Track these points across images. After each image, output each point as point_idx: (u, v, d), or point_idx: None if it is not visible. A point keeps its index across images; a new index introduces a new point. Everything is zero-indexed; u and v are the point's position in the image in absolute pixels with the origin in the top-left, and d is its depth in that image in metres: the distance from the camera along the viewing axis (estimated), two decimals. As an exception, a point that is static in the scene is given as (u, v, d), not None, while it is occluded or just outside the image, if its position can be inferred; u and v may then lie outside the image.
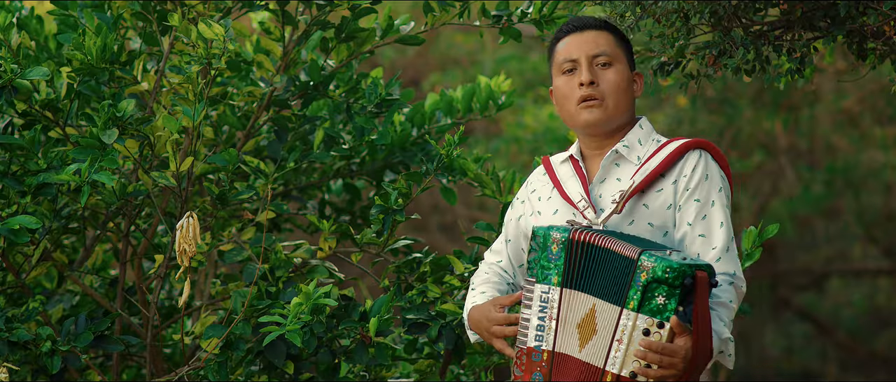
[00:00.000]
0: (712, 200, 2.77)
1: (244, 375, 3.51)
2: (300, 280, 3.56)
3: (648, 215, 2.78)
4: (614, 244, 2.64)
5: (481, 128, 8.58)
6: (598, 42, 2.84)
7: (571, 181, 2.87)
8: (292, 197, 3.97)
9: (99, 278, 3.86)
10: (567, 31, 2.88)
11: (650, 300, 2.58)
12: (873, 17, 3.02)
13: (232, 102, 3.69)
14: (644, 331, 2.59)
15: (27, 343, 3.30)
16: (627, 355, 2.60)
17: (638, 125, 2.88)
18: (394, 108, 3.71)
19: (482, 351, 3.62)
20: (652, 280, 2.58)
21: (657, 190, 2.79)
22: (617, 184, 2.82)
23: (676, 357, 2.58)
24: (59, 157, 3.33)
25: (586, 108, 2.81)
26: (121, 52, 3.43)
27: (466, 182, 3.63)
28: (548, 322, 2.68)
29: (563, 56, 2.85)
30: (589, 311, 2.65)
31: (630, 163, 2.83)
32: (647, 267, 2.58)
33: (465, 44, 9.13)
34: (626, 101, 2.84)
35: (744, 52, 3.13)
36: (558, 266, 2.67)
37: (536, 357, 2.68)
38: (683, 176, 2.78)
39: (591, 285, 2.65)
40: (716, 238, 2.76)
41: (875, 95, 7.64)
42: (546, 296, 2.68)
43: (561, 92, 2.86)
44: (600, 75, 2.82)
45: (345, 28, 3.63)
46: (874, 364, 9.67)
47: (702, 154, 2.80)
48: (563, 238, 2.66)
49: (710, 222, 2.77)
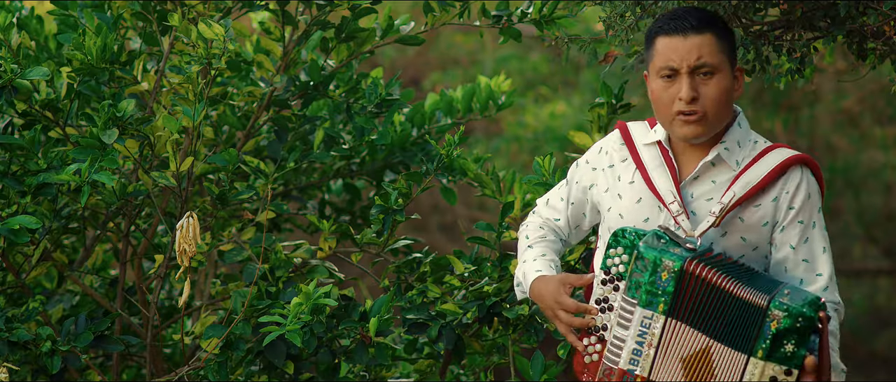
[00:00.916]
0: (814, 222, 2.72)
1: (244, 375, 3.51)
2: (300, 280, 3.56)
3: (743, 229, 2.71)
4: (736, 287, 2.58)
5: (481, 127, 8.58)
6: (701, 51, 2.67)
7: (659, 172, 2.76)
8: (292, 197, 3.97)
9: (99, 278, 3.86)
10: (669, 30, 2.70)
11: (779, 348, 2.56)
12: (873, 17, 3.02)
13: (232, 102, 3.69)
14: (771, 379, 2.57)
15: (27, 343, 3.30)
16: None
17: (736, 124, 2.76)
18: (394, 108, 3.71)
19: (482, 351, 3.62)
20: (783, 330, 2.55)
21: (755, 204, 2.71)
22: (711, 187, 2.72)
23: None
24: (59, 157, 3.33)
25: (685, 123, 2.69)
26: (121, 52, 3.43)
27: (466, 182, 3.63)
28: (646, 349, 2.62)
29: (663, 60, 2.69)
30: (701, 350, 2.60)
31: (727, 167, 2.73)
32: (778, 317, 2.55)
33: (465, 44, 9.13)
34: (727, 111, 2.72)
35: (744, 52, 3.13)
36: (667, 294, 2.60)
37: (628, 379, 2.64)
38: (786, 192, 2.70)
39: (705, 324, 2.60)
40: (820, 264, 2.72)
41: (875, 95, 7.64)
42: (648, 322, 2.62)
43: (658, 97, 2.72)
44: (701, 88, 2.68)
45: (345, 28, 3.63)
46: (874, 364, 9.66)
47: (804, 171, 2.72)
48: (675, 267, 2.59)
49: (813, 246, 2.71)
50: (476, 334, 3.55)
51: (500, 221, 3.48)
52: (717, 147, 2.73)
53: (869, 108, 8.04)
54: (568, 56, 3.60)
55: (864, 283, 9.88)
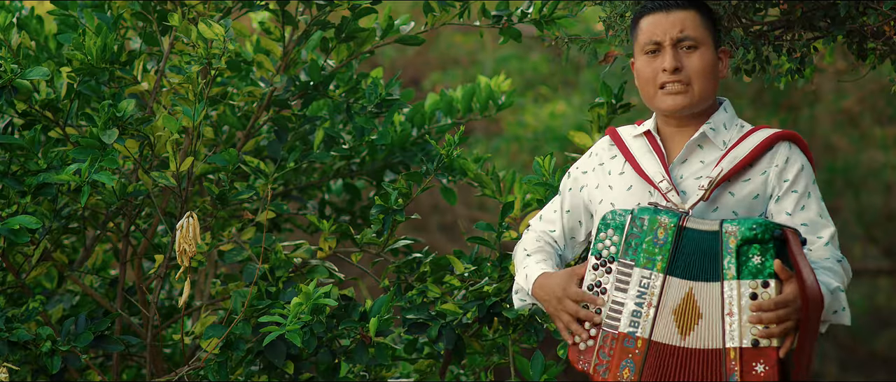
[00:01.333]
0: (809, 191, 2.74)
1: (244, 375, 3.51)
2: (300, 280, 3.56)
3: (734, 203, 2.73)
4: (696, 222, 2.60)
5: (481, 127, 8.58)
6: (684, 24, 2.75)
7: (648, 158, 2.80)
8: (292, 197, 3.97)
9: (99, 278, 3.86)
10: (652, 8, 2.78)
11: (746, 263, 2.54)
12: (873, 17, 3.02)
13: (232, 102, 3.69)
14: (751, 296, 2.53)
15: (27, 343, 3.30)
16: (743, 325, 2.53)
17: (722, 108, 2.82)
18: (394, 108, 3.71)
19: (482, 351, 3.62)
20: (742, 242, 2.54)
21: (744, 179, 2.74)
22: (700, 166, 2.76)
23: (791, 306, 2.51)
24: (59, 157, 3.33)
25: (669, 95, 2.75)
26: (121, 52, 3.43)
27: (466, 182, 3.63)
28: (645, 309, 2.61)
29: (647, 36, 2.77)
30: (685, 297, 2.59)
31: (714, 147, 2.77)
32: (733, 231, 2.55)
33: (465, 44, 9.13)
34: (712, 86, 2.77)
35: (744, 52, 3.13)
36: (664, 252, 2.60)
37: (629, 343, 2.61)
38: (775, 165, 2.74)
39: (685, 270, 2.59)
40: (821, 228, 2.72)
41: (875, 95, 7.64)
42: (647, 282, 2.61)
43: (643, 73, 2.78)
44: (685, 60, 2.75)
45: (345, 28, 3.63)
46: (874, 364, 9.67)
47: (792, 146, 2.77)
48: (671, 223, 2.61)
49: (810, 212, 2.73)
50: (476, 334, 3.55)
51: (500, 221, 3.48)
52: (703, 126, 2.77)
53: (869, 108, 8.04)
54: (568, 56, 3.60)
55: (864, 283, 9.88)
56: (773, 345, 2.52)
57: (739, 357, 2.53)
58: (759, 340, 2.52)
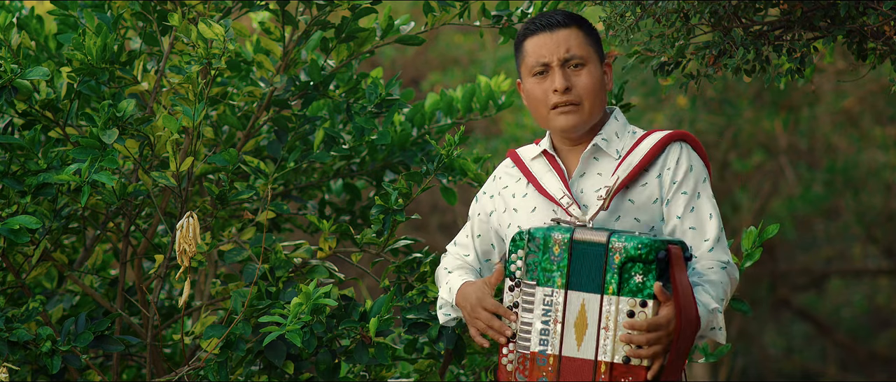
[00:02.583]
0: (698, 192, 2.76)
1: (244, 375, 3.51)
2: (300, 280, 3.56)
3: (635, 210, 2.75)
4: (587, 234, 2.62)
5: (481, 127, 8.58)
6: (569, 43, 2.79)
7: (548, 176, 2.83)
8: (292, 198, 3.97)
9: (99, 278, 3.86)
10: (535, 29, 2.81)
11: (628, 280, 2.57)
12: (873, 17, 3.02)
13: (232, 102, 3.69)
14: (628, 313, 2.57)
15: (27, 343, 3.30)
16: (616, 341, 2.58)
17: (613, 117, 2.85)
18: (394, 108, 3.71)
19: (482, 351, 3.62)
20: (626, 260, 2.56)
21: (642, 184, 2.77)
22: (598, 178, 2.79)
23: (663, 330, 2.55)
24: (59, 157, 3.33)
25: (562, 114, 2.78)
26: (121, 52, 3.43)
27: (466, 182, 3.63)
28: (552, 326, 2.64)
29: (534, 58, 2.80)
30: (581, 308, 2.62)
31: (609, 157, 2.80)
32: (619, 248, 2.57)
33: (465, 44, 9.13)
34: (601, 101, 2.81)
35: (744, 52, 3.13)
36: (562, 268, 2.63)
37: (541, 361, 2.65)
38: (668, 169, 2.76)
39: (579, 282, 2.62)
40: (707, 229, 2.74)
41: (875, 95, 7.64)
42: (549, 299, 2.64)
43: (533, 95, 2.81)
44: (574, 79, 2.78)
45: (345, 28, 3.63)
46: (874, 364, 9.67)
47: (683, 146, 2.79)
48: (564, 239, 2.63)
49: (700, 213, 2.75)
50: (476, 334, 3.55)
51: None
52: (595, 139, 2.80)
53: (869, 108, 8.04)
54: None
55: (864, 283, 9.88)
56: (643, 365, 2.57)
57: (610, 371, 2.58)
58: (631, 358, 2.57)
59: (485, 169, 3.64)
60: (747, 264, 3.30)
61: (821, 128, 8.39)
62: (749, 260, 3.32)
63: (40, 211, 3.42)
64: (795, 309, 9.81)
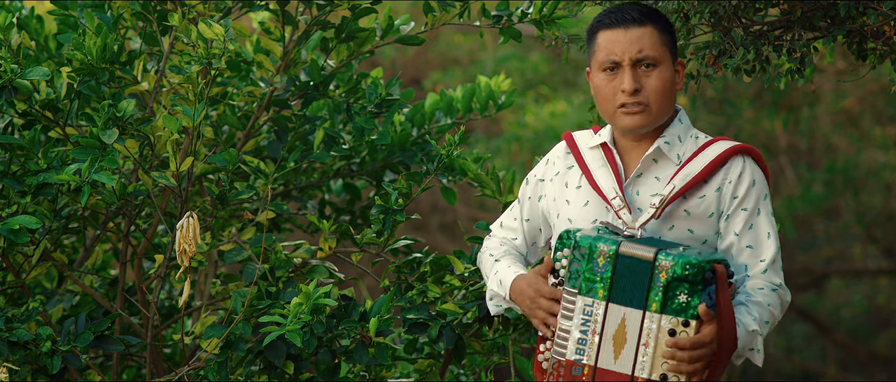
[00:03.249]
0: (758, 209, 2.72)
1: (244, 375, 3.51)
2: (300, 280, 3.56)
3: (689, 221, 2.71)
4: (633, 248, 2.59)
5: (481, 127, 8.58)
6: (642, 43, 2.71)
7: (603, 172, 2.78)
8: (292, 198, 3.97)
9: (99, 278, 3.86)
10: (610, 23, 2.74)
11: (672, 299, 2.55)
12: (873, 17, 3.02)
13: (232, 102, 3.69)
14: (670, 332, 2.55)
15: (27, 343, 3.30)
16: (655, 358, 2.56)
17: (677, 119, 2.79)
18: (394, 108, 3.71)
19: (482, 351, 3.62)
20: (672, 279, 2.54)
21: (699, 196, 2.72)
22: (655, 183, 2.74)
23: (705, 349, 2.53)
24: (59, 157, 3.33)
25: (628, 114, 2.72)
26: (121, 52, 3.43)
27: (466, 182, 3.63)
28: (590, 337, 2.62)
29: (605, 54, 2.73)
30: (621, 322, 2.60)
31: (670, 162, 2.74)
32: (666, 267, 2.55)
33: (465, 44, 9.13)
34: (670, 103, 2.75)
35: (744, 52, 3.13)
36: (605, 279, 2.61)
37: (576, 371, 2.63)
38: (729, 182, 2.71)
39: (621, 296, 2.60)
40: (764, 249, 2.71)
41: (875, 95, 7.64)
42: (590, 309, 2.62)
43: (602, 91, 2.74)
44: (644, 80, 2.71)
45: (345, 28, 3.63)
46: (874, 364, 9.67)
47: (746, 160, 2.74)
48: (610, 251, 2.60)
49: (758, 232, 2.71)
50: (476, 334, 3.55)
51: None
52: (657, 141, 2.75)
53: (869, 108, 8.04)
54: (568, 56, 3.60)
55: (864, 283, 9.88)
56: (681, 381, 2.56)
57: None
58: (668, 375, 2.56)
59: (485, 169, 3.64)
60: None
61: (821, 128, 8.39)
62: (749, 260, 3.32)
63: (40, 211, 3.42)
64: (795, 309, 9.81)
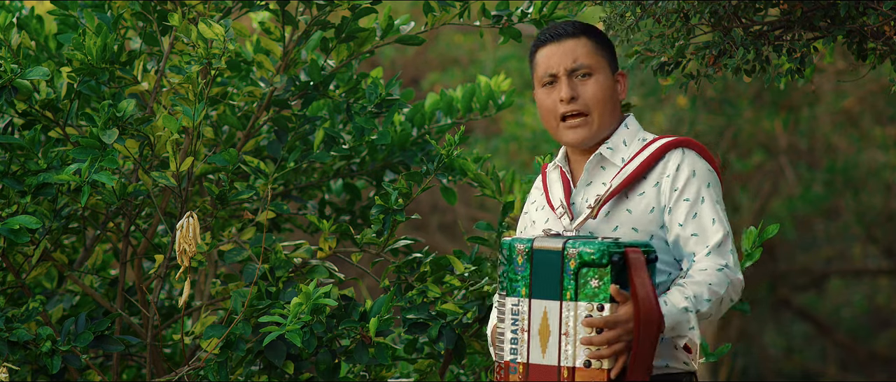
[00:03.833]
0: (702, 197, 2.72)
1: (244, 375, 3.51)
2: (300, 280, 3.56)
3: (631, 220, 2.73)
4: (545, 242, 2.63)
5: (481, 127, 8.58)
6: (575, 53, 2.78)
7: (556, 186, 2.84)
8: (292, 198, 3.97)
9: (99, 278, 3.86)
10: (544, 40, 2.81)
11: (584, 285, 2.58)
12: (873, 17, 3.02)
13: (232, 102, 3.69)
14: (586, 318, 2.57)
15: (27, 343, 3.30)
16: (576, 346, 2.59)
17: (623, 125, 2.82)
18: (394, 108, 3.71)
19: (482, 351, 3.62)
20: (580, 265, 2.57)
21: (639, 193, 2.74)
22: (602, 187, 2.77)
23: (620, 327, 2.54)
24: (59, 157, 3.33)
25: (570, 128, 2.78)
26: (121, 52, 3.43)
27: (466, 182, 3.63)
28: (520, 335, 2.65)
29: (543, 69, 2.80)
30: (543, 316, 2.63)
31: (614, 166, 2.78)
32: (573, 254, 2.58)
33: (465, 44, 9.14)
34: (610, 111, 2.79)
35: (744, 52, 3.12)
36: (525, 277, 2.64)
37: (513, 370, 2.67)
38: (667, 176, 2.73)
39: (541, 290, 2.63)
40: (709, 235, 2.70)
41: (875, 95, 7.64)
42: (517, 309, 2.65)
43: (543, 105, 2.82)
44: (580, 88, 2.77)
45: (345, 28, 3.63)
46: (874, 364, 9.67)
47: (685, 151, 2.75)
48: (526, 249, 2.64)
49: (701, 220, 2.71)
50: (476, 334, 3.55)
51: (500, 221, 3.48)
52: (600, 147, 2.80)
53: (869, 108, 8.04)
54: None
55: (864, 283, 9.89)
56: (604, 367, 2.57)
57: (571, 375, 2.60)
58: (592, 361, 2.58)
59: (485, 169, 3.64)
60: (747, 264, 3.31)
61: (821, 128, 8.40)
62: (749, 260, 3.32)
63: (40, 211, 3.42)
64: (795, 309, 9.81)
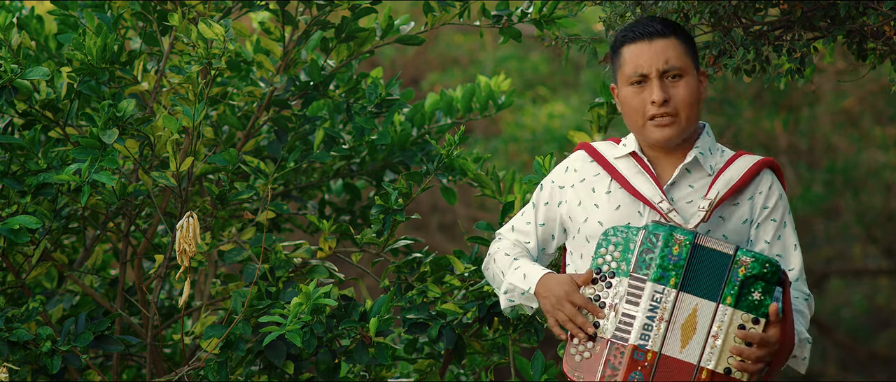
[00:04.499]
0: (785, 221, 2.82)
1: (244, 375, 3.51)
2: (300, 280, 3.56)
3: (724, 227, 2.79)
4: (711, 241, 2.67)
5: (481, 127, 8.58)
6: (667, 55, 2.77)
7: (639, 179, 2.82)
8: (292, 198, 3.97)
9: (99, 278, 3.86)
10: (634, 37, 2.79)
11: (747, 296, 2.62)
12: (873, 17, 3.02)
13: (232, 102, 3.69)
14: (739, 327, 2.62)
15: (27, 343, 3.30)
16: (723, 351, 2.63)
17: (705, 132, 2.86)
18: (394, 108, 3.71)
19: (482, 351, 3.62)
20: (750, 276, 2.62)
21: (734, 203, 2.80)
22: (690, 191, 2.80)
23: (769, 348, 2.62)
24: (59, 157, 3.33)
25: (658, 127, 2.78)
26: (121, 52, 3.43)
27: (466, 182, 3.63)
28: (657, 323, 2.65)
29: (632, 67, 2.78)
30: (692, 312, 2.66)
31: (703, 172, 2.82)
32: (746, 263, 2.63)
33: (465, 44, 9.13)
34: (697, 112, 2.82)
35: (744, 52, 3.13)
36: (678, 267, 2.66)
37: (639, 355, 2.66)
38: (760, 193, 2.81)
39: (694, 286, 2.66)
40: (793, 260, 2.81)
41: (875, 95, 7.64)
42: (659, 296, 2.66)
43: (630, 104, 2.80)
44: (672, 91, 2.77)
45: (345, 28, 3.63)
46: (874, 364, 9.66)
47: (773, 175, 2.84)
48: (686, 240, 2.66)
49: (786, 243, 2.81)
50: (476, 334, 3.55)
51: (500, 221, 3.48)
52: (693, 151, 2.81)
53: (869, 108, 8.04)
54: (568, 56, 3.60)
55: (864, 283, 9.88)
56: (743, 379, 2.63)
57: (710, 378, 2.63)
58: (733, 370, 2.63)
59: (485, 169, 3.64)
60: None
61: (821, 128, 8.39)
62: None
63: (40, 211, 3.42)
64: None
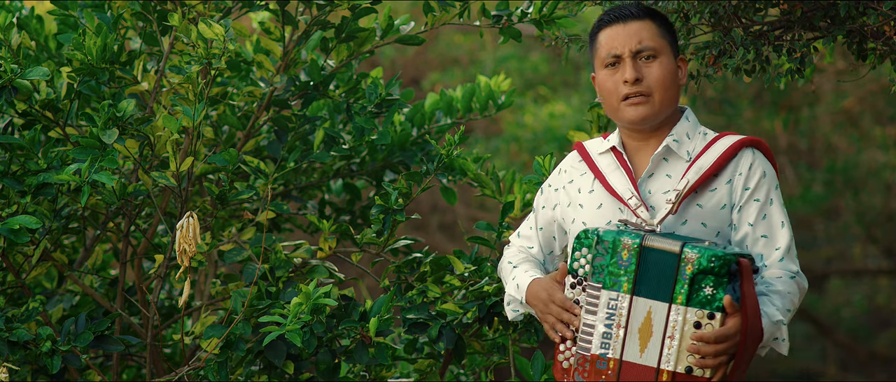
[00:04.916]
0: (771, 198, 2.76)
1: (244, 375, 3.51)
2: (300, 280, 3.56)
3: (702, 215, 2.75)
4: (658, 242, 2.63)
5: (481, 127, 8.58)
6: (640, 35, 2.77)
7: (616, 174, 2.82)
8: (292, 198, 3.97)
9: (99, 278, 3.86)
10: (609, 21, 2.80)
11: (698, 292, 2.58)
12: (873, 17, 3.02)
13: (232, 102, 3.69)
14: (695, 324, 2.58)
15: (27, 343, 3.30)
16: (680, 351, 2.59)
17: (684, 117, 2.83)
18: (394, 108, 3.71)
19: (482, 351, 3.62)
20: (698, 271, 2.57)
21: (711, 189, 2.76)
22: (667, 180, 2.78)
23: (730, 341, 2.56)
24: (59, 157, 3.33)
25: (631, 105, 2.77)
26: (121, 52, 3.43)
27: (466, 182, 3.63)
28: (615, 330, 2.64)
29: (606, 50, 2.79)
30: (647, 315, 2.63)
31: (680, 159, 2.79)
32: (692, 259, 2.58)
33: (465, 44, 9.13)
34: (672, 94, 2.79)
35: (744, 52, 3.13)
36: (629, 273, 2.63)
37: (602, 364, 2.65)
38: (739, 174, 2.75)
39: (647, 289, 2.63)
40: (779, 238, 2.75)
41: (875, 95, 7.64)
42: (614, 303, 2.65)
43: (604, 86, 2.81)
44: (645, 70, 2.77)
45: (345, 28, 3.63)
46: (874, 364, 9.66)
47: (755, 152, 2.78)
48: (634, 244, 2.63)
49: (771, 221, 2.75)
50: (476, 334, 3.55)
51: (500, 221, 3.48)
52: (667, 139, 2.79)
53: (869, 108, 8.04)
54: (568, 56, 3.60)
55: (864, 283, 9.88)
56: (706, 375, 2.59)
57: (671, 380, 2.61)
58: (694, 368, 2.59)
59: (485, 169, 3.64)
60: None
61: (821, 128, 8.39)
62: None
63: (40, 211, 3.42)
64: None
